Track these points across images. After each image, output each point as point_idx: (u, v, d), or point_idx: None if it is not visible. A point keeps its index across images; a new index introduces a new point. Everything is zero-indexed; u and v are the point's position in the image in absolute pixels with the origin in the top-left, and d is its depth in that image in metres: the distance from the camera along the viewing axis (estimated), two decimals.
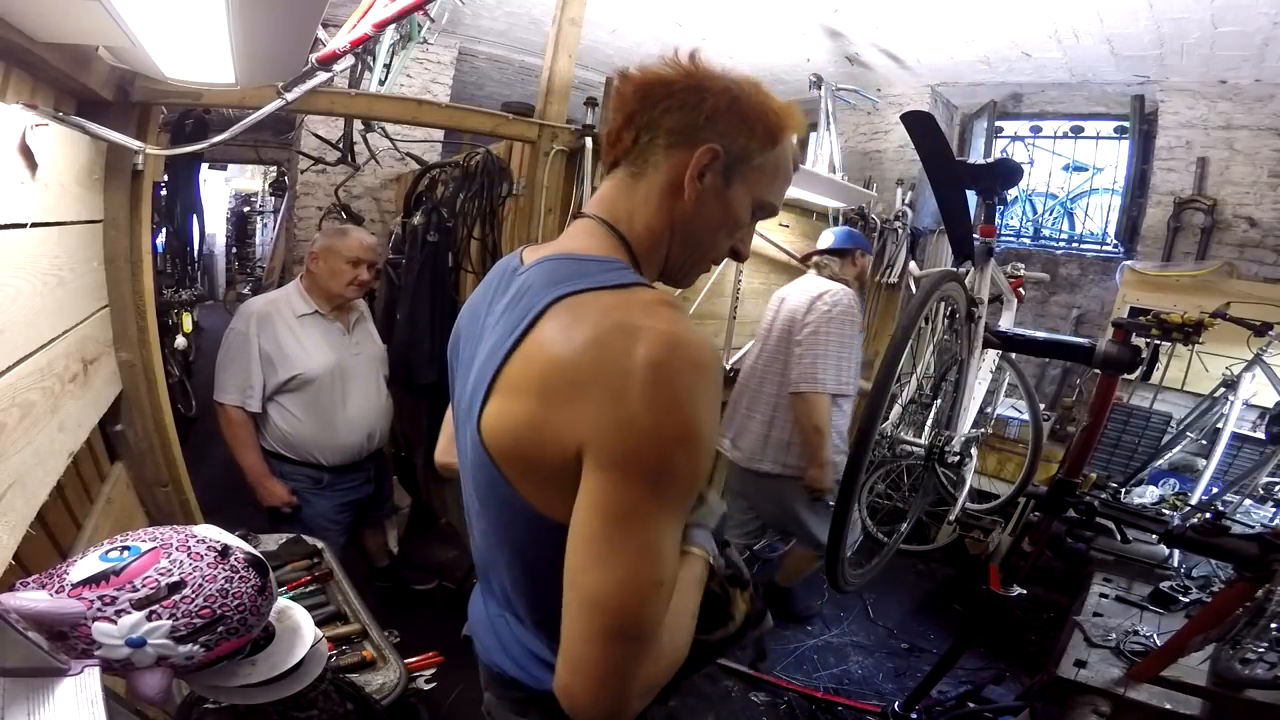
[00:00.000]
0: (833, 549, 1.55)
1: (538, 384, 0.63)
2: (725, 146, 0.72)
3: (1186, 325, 1.70)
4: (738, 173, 0.74)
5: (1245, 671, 1.34)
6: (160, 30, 0.99)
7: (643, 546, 0.59)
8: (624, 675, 0.60)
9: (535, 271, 0.72)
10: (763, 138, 0.73)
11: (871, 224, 3.47)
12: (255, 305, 1.98)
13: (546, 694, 0.73)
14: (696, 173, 0.72)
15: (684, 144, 0.72)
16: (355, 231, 2.08)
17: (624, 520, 0.59)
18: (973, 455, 1.90)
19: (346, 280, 1.99)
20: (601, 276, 0.67)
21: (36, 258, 1.06)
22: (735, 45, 3.90)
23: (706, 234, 0.77)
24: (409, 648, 1.46)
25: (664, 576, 0.61)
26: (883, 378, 1.42)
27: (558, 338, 0.63)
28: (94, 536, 1.25)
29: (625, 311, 0.62)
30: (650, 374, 0.57)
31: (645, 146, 0.74)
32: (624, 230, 0.75)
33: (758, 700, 2.41)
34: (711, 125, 0.71)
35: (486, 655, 0.88)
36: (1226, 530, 1.37)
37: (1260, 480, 2.41)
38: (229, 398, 1.92)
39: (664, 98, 0.72)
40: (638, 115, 0.73)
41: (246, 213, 9.03)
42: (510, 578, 0.79)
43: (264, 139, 4.75)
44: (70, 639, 0.66)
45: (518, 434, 0.65)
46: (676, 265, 0.79)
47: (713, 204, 0.74)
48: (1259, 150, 3.17)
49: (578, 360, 0.60)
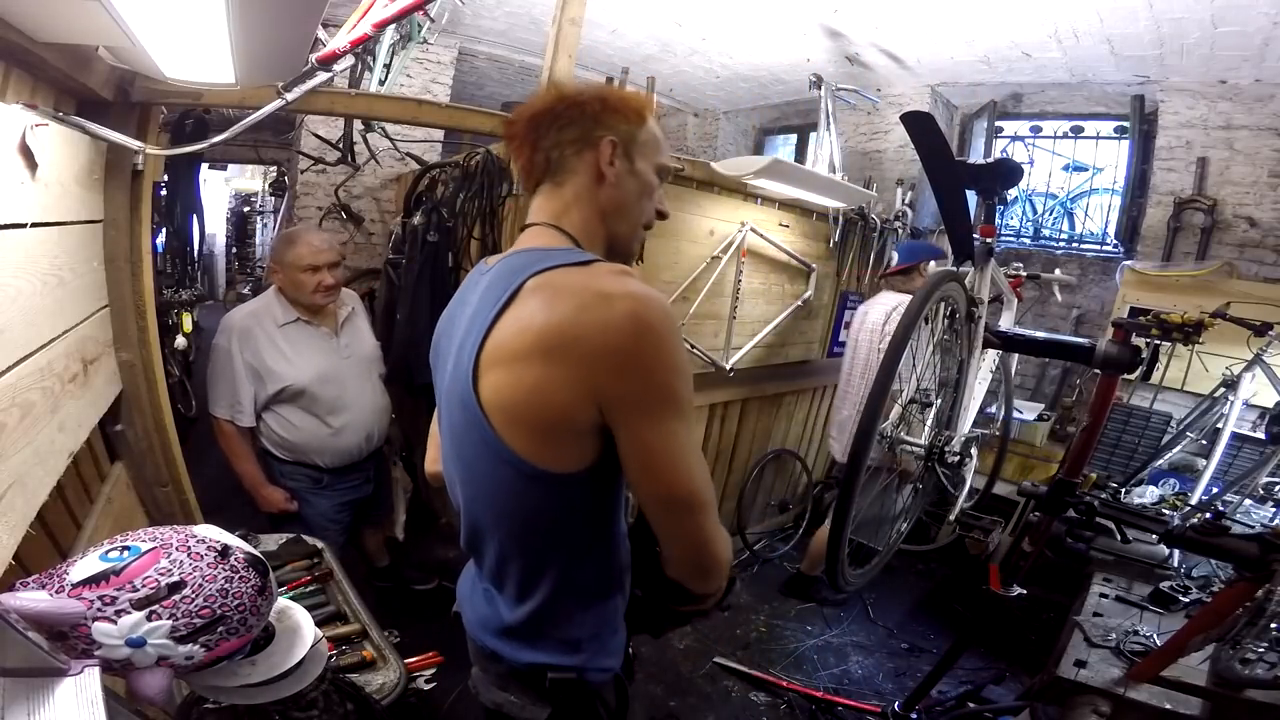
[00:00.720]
0: (833, 549, 1.55)
1: (538, 350, 0.74)
2: (617, 135, 0.88)
3: (1186, 325, 1.70)
4: (634, 150, 0.90)
5: (1245, 671, 1.34)
6: (160, 30, 0.99)
7: (680, 446, 0.77)
8: (709, 532, 0.82)
9: (503, 264, 0.86)
10: (634, 119, 0.90)
11: (871, 224, 3.47)
12: (235, 319, 1.92)
13: (524, 667, 0.91)
14: (609, 160, 0.88)
15: (587, 146, 0.88)
16: (303, 237, 1.95)
17: (661, 439, 0.76)
18: (973, 455, 1.90)
19: (310, 289, 1.91)
20: (566, 256, 0.81)
21: (36, 258, 1.06)
22: (735, 45, 3.90)
23: (634, 204, 0.92)
24: (409, 648, 1.46)
25: (698, 455, 0.80)
26: (882, 377, 1.42)
27: (545, 309, 0.75)
28: (94, 536, 1.26)
29: (598, 282, 0.76)
30: (638, 332, 0.72)
31: (558, 160, 0.89)
32: (566, 227, 0.89)
33: (758, 700, 2.41)
34: (599, 124, 0.88)
35: (471, 629, 0.98)
36: (1226, 530, 1.36)
37: (1260, 480, 2.41)
38: (220, 411, 1.91)
39: (553, 120, 0.88)
40: (540, 140, 0.89)
41: (246, 213, 9.02)
42: (497, 540, 0.89)
43: (264, 139, 4.75)
44: (70, 639, 0.66)
45: (523, 397, 0.76)
46: (619, 239, 0.94)
47: (628, 179, 0.90)
48: (1259, 150, 3.17)
49: (572, 327, 0.73)
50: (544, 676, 0.89)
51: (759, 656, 2.65)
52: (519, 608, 0.89)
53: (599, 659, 0.91)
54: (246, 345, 1.88)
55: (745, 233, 2.81)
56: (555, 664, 0.89)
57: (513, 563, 0.88)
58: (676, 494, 0.78)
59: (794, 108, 4.90)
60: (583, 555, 0.88)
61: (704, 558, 0.84)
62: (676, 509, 0.80)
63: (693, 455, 0.79)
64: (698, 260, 2.70)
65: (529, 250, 0.85)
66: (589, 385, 0.73)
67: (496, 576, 0.92)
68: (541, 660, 0.90)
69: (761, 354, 3.14)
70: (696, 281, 2.70)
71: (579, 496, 0.83)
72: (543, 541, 0.86)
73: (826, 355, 3.64)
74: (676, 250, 2.62)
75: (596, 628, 0.91)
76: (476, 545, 0.94)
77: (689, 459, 0.78)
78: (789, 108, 4.95)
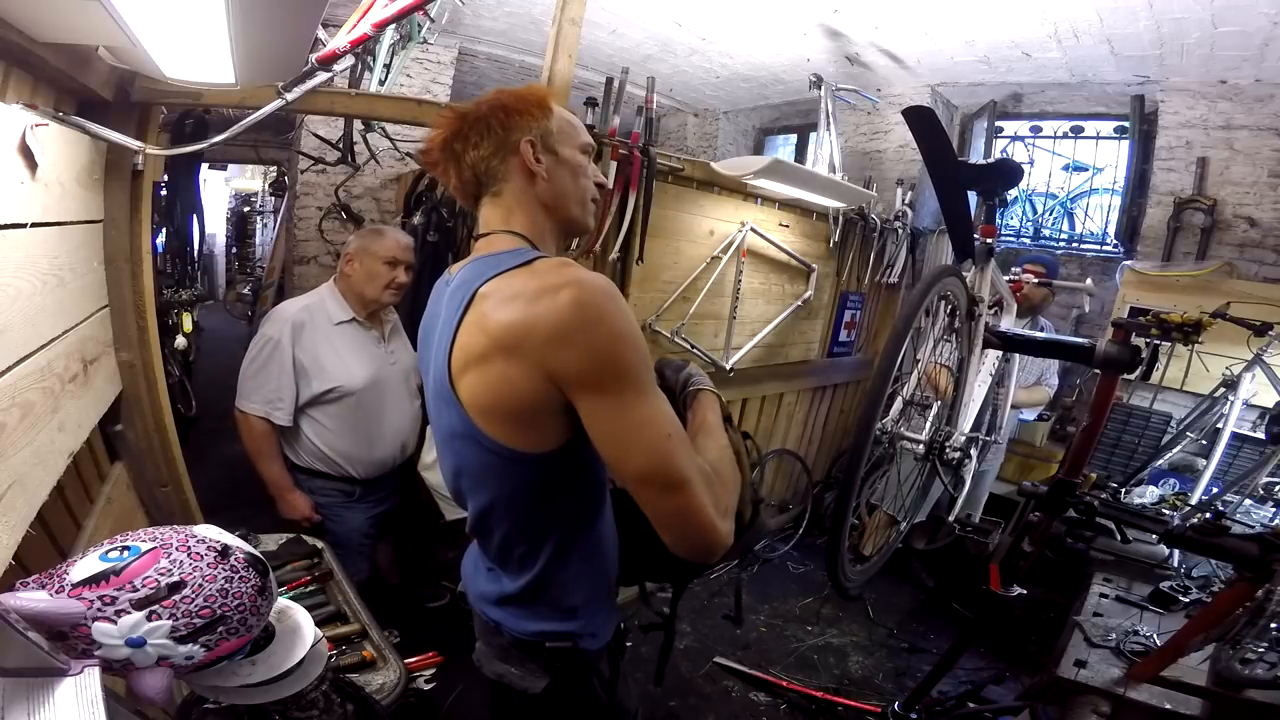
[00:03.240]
0: (832, 548, 1.55)
1: (497, 348, 0.80)
2: (531, 134, 0.93)
3: (1186, 325, 1.70)
4: (552, 142, 0.95)
5: (1245, 671, 1.34)
6: (160, 30, 0.99)
7: (642, 421, 0.79)
8: (693, 511, 0.79)
9: (460, 275, 0.91)
10: (540, 113, 0.94)
11: (871, 224, 3.47)
12: (289, 311, 1.86)
13: (527, 639, 0.98)
14: (534, 160, 0.93)
15: (509, 152, 0.93)
16: (391, 230, 1.97)
17: (621, 415, 0.78)
18: (972, 456, 1.90)
19: (384, 283, 1.88)
20: (509, 260, 0.86)
21: (36, 258, 1.06)
22: (735, 45, 3.90)
23: (570, 187, 0.98)
24: (409, 648, 1.46)
25: (668, 430, 0.80)
26: (882, 370, 1.41)
27: (497, 310, 0.81)
28: (94, 536, 1.26)
29: (540, 277, 0.81)
30: (579, 311, 0.76)
31: (486, 172, 0.94)
32: (516, 228, 0.94)
33: (758, 700, 2.41)
34: (509, 130, 0.92)
35: (475, 604, 1.05)
36: (1226, 530, 1.36)
37: (1260, 480, 2.40)
38: (253, 407, 1.82)
39: (466, 139, 0.93)
40: (461, 159, 0.94)
41: (246, 213, 9.00)
42: (497, 522, 0.94)
43: (264, 139, 4.75)
44: (70, 639, 0.66)
45: (493, 392, 0.82)
46: (569, 222, 1.00)
47: (558, 170, 0.96)
48: (1259, 150, 3.17)
49: (523, 321, 0.78)
50: (542, 647, 0.97)
51: (759, 656, 2.65)
52: (519, 579, 0.96)
53: (592, 625, 0.99)
54: (300, 340, 1.81)
55: (745, 233, 2.81)
56: (552, 631, 0.97)
57: (514, 540, 0.94)
58: (649, 472, 0.79)
59: (794, 108, 4.90)
60: (574, 525, 0.95)
61: (694, 533, 0.81)
62: (651, 487, 0.79)
63: (658, 429, 0.79)
64: (698, 260, 2.70)
65: (480, 259, 0.90)
66: (544, 369, 0.78)
67: (500, 556, 0.98)
68: (540, 629, 0.97)
69: (761, 354, 3.14)
70: (696, 281, 2.70)
71: (564, 471, 0.88)
72: (537, 517, 0.92)
73: (826, 355, 3.64)
74: (676, 250, 2.62)
75: (589, 595, 0.99)
76: (480, 530, 0.99)
77: (654, 432, 0.78)
78: (789, 108, 4.95)
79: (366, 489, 2.00)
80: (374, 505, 2.04)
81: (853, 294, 3.62)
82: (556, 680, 0.99)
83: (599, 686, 1.04)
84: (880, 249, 3.56)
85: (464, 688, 1.91)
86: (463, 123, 0.93)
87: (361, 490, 1.99)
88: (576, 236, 0.97)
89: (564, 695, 1.01)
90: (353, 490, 1.97)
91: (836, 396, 3.93)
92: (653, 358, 1.13)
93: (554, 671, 0.99)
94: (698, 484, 0.79)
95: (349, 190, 3.86)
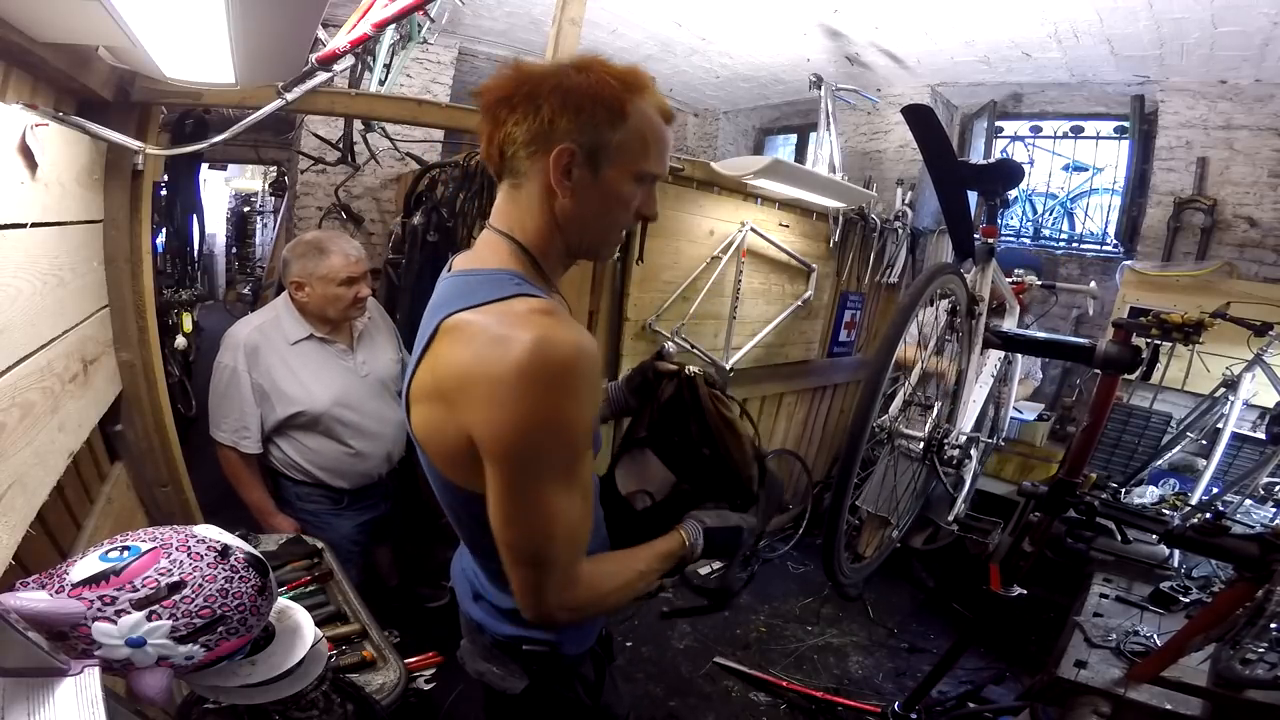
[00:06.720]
0: (828, 545, 1.55)
1: (438, 392, 0.76)
2: (578, 141, 0.74)
3: (1186, 325, 1.70)
4: (602, 159, 0.76)
5: (1245, 671, 1.34)
6: (160, 30, 0.99)
7: (532, 506, 0.73)
8: (538, 590, 0.76)
9: (443, 286, 0.84)
10: (606, 119, 0.75)
11: (871, 224, 3.47)
12: (241, 334, 1.75)
13: (507, 639, 0.96)
14: (560, 175, 0.75)
15: (541, 150, 0.75)
16: (334, 245, 1.76)
17: (514, 492, 0.73)
18: (972, 457, 1.90)
19: (346, 304, 1.77)
20: (481, 293, 0.75)
21: (36, 258, 1.06)
22: (735, 45, 3.90)
23: (594, 221, 0.81)
24: (409, 648, 1.46)
25: (558, 525, 0.74)
26: (878, 365, 1.41)
27: (447, 353, 0.75)
28: (94, 536, 1.26)
29: (500, 325, 0.71)
30: (517, 378, 0.67)
31: (512, 159, 0.78)
32: (518, 237, 0.81)
33: (758, 700, 2.41)
34: (556, 127, 0.74)
35: (461, 601, 1.05)
36: (1226, 530, 1.36)
37: (1260, 480, 2.40)
38: (222, 436, 1.76)
39: (508, 113, 0.76)
40: (494, 133, 0.78)
41: (246, 213, 9.00)
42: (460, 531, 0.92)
43: (264, 139, 4.74)
44: (70, 639, 0.66)
45: (431, 431, 0.80)
46: (580, 250, 0.85)
47: (588, 194, 0.78)
48: (1259, 150, 3.17)
49: (463, 371, 0.72)
50: (520, 649, 0.95)
51: (759, 656, 2.65)
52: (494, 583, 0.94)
53: (572, 634, 0.98)
54: (255, 365, 1.73)
55: (745, 233, 2.81)
56: (529, 635, 0.94)
57: (481, 553, 0.92)
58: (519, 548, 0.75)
59: (794, 108, 4.90)
60: None
61: (530, 608, 0.78)
62: (512, 554, 0.76)
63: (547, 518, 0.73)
64: (698, 260, 2.70)
65: (465, 275, 0.82)
66: (466, 427, 0.72)
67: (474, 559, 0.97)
68: (517, 632, 0.95)
69: (761, 354, 3.14)
70: (696, 281, 2.70)
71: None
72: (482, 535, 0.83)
73: (826, 355, 3.64)
74: (676, 250, 2.62)
75: None
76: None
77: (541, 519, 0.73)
78: (789, 108, 4.95)
79: (354, 498, 1.96)
80: (362, 512, 1.99)
81: (853, 294, 3.62)
82: (535, 683, 0.97)
83: (582, 691, 1.02)
84: (880, 249, 3.56)
85: (464, 688, 1.91)
86: (516, 89, 0.75)
87: (350, 499, 1.95)
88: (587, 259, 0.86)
89: (544, 698, 0.99)
90: (340, 498, 1.93)
91: (836, 396, 3.94)
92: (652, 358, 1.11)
93: (532, 674, 0.97)
94: (558, 577, 0.75)
95: (349, 190, 3.86)
